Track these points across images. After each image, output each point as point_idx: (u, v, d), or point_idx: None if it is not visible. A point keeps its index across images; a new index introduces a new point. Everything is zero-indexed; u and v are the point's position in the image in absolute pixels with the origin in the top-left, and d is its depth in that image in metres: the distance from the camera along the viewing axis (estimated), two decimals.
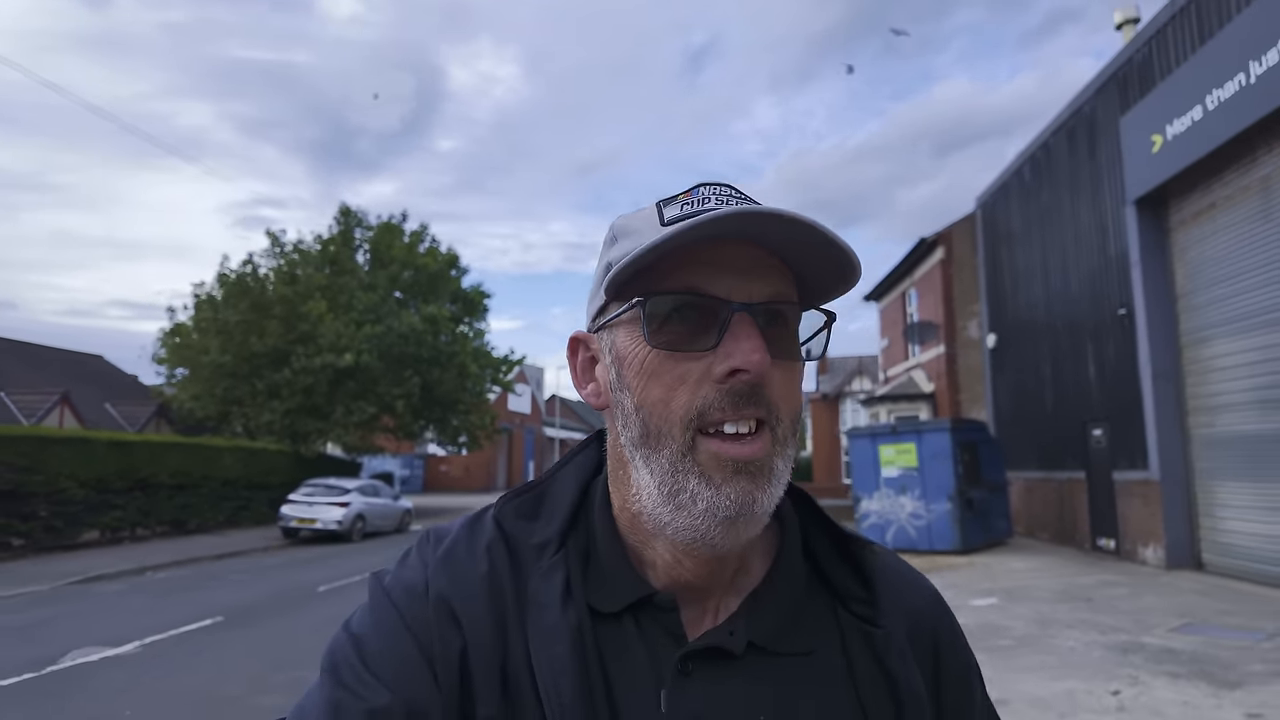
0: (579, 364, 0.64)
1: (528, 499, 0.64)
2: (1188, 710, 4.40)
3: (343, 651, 0.56)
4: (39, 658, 6.18)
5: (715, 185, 0.58)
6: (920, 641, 0.63)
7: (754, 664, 0.57)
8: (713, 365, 0.53)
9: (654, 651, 0.56)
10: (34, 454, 13.00)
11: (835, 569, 0.63)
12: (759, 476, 0.53)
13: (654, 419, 0.54)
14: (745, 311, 0.53)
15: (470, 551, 0.60)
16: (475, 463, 41.80)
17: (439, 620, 0.56)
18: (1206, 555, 9.36)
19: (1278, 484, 8.10)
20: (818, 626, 0.61)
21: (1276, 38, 7.39)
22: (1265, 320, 8.26)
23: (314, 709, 0.54)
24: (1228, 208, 8.83)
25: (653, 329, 0.54)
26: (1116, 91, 10.54)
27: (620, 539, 0.60)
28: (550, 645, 0.54)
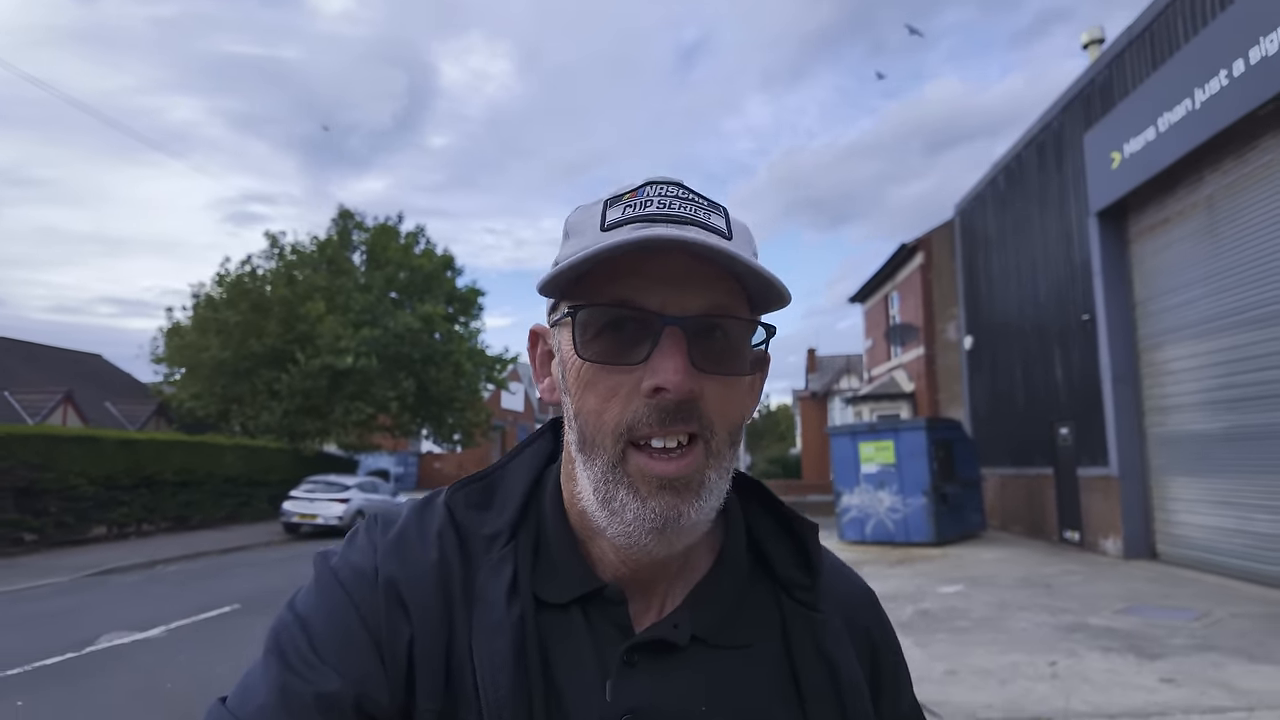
0: (537, 357, 0.65)
1: (479, 487, 0.63)
2: (1112, 676, 5.00)
3: (288, 633, 0.55)
4: (77, 640, 6.70)
5: (662, 185, 0.57)
6: (857, 636, 0.65)
7: (697, 656, 0.58)
8: (642, 380, 0.53)
9: (600, 643, 0.57)
10: (46, 452, 13.46)
11: (779, 555, 0.65)
12: (685, 492, 0.53)
13: (589, 428, 0.55)
14: (677, 325, 0.53)
15: (421, 538, 0.59)
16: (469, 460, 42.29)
17: (388, 607, 0.55)
18: (1160, 546, 10.02)
19: (1222, 479, 8.75)
20: (760, 617, 0.62)
21: (1218, 68, 8.01)
22: (1210, 328, 8.91)
23: (260, 690, 0.52)
24: (1179, 222, 9.47)
25: (585, 340, 0.54)
26: (1081, 109, 11.17)
27: (571, 531, 0.61)
28: (492, 640, 0.54)
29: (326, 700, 0.51)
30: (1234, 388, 8.55)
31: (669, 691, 0.56)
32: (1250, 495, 8.30)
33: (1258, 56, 7.47)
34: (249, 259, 21.90)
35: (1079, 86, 11.28)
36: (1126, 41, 9.98)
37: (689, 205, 0.56)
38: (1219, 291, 8.76)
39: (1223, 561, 8.68)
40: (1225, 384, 8.70)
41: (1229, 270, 8.58)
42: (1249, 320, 8.29)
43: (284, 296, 20.08)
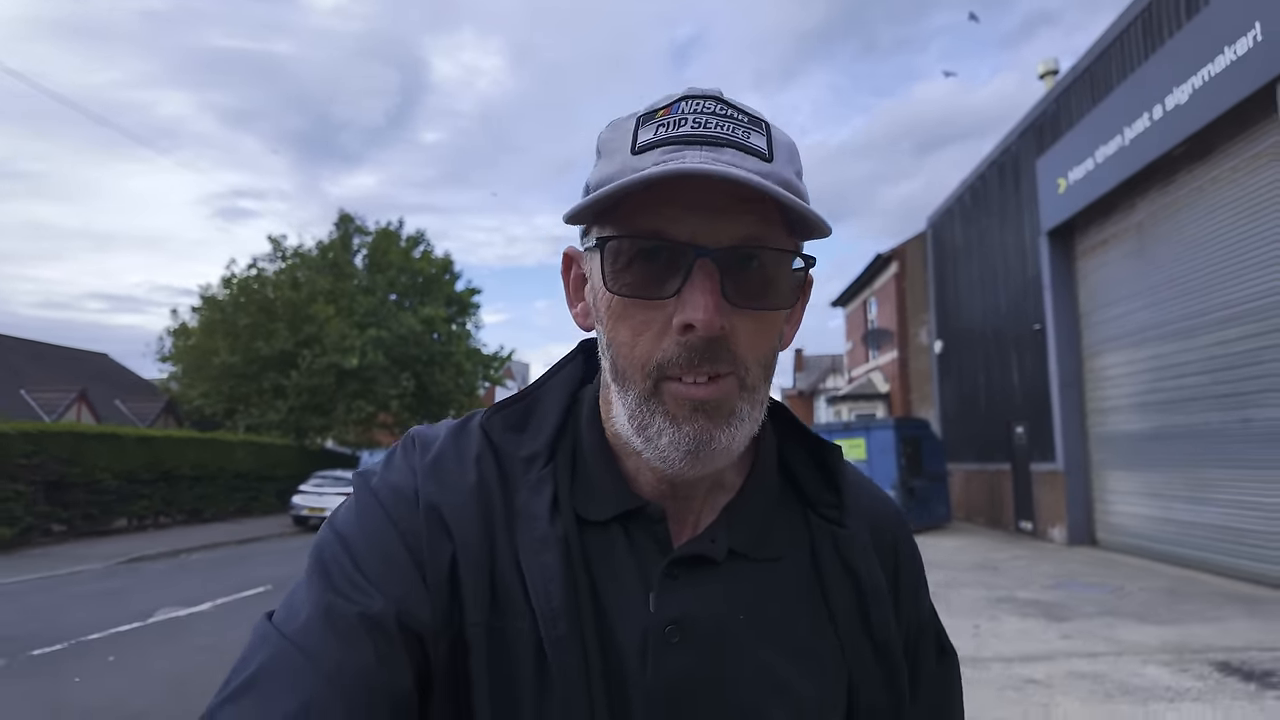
0: (571, 281, 0.64)
1: (515, 410, 0.64)
2: (1021, 634, 6.04)
3: (331, 550, 0.56)
4: (137, 613, 7.64)
5: (698, 99, 0.54)
6: (882, 548, 0.68)
7: (732, 569, 0.60)
8: (674, 315, 0.52)
9: (641, 558, 0.59)
10: (73, 448, 14.34)
11: (808, 478, 0.67)
12: (717, 415, 0.53)
13: (620, 360, 0.55)
14: (709, 258, 0.51)
15: (459, 461, 0.60)
16: None
17: (429, 527, 0.56)
18: (1100, 534, 11.11)
19: (1150, 474, 9.84)
20: (790, 533, 0.64)
21: (1142, 110, 9.07)
22: (1140, 338, 9.99)
23: (304, 608, 0.53)
24: (1115, 243, 10.55)
25: (614, 272, 0.53)
26: (1034, 137, 12.24)
27: (609, 450, 0.62)
28: (540, 554, 0.55)
29: (370, 620, 0.51)
30: (1160, 392, 9.64)
31: (708, 602, 0.58)
32: (1173, 488, 9.39)
33: (1173, 104, 8.52)
34: (254, 262, 22.79)
35: (1033, 115, 12.34)
36: (1071, 79, 11.05)
37: (726, 123, 0.53)
38: (1148, 306, 9.84)
39: (1150, 546, 9.77)
40: (1153, 389, 9.79)
41: (1156, 287, 9.65)
42: (1172, 332, 9.37)
43: (290, 300, 20.95)
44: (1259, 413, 7.88)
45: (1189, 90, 8.25)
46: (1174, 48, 8.58)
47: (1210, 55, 7.90)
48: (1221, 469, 8.45)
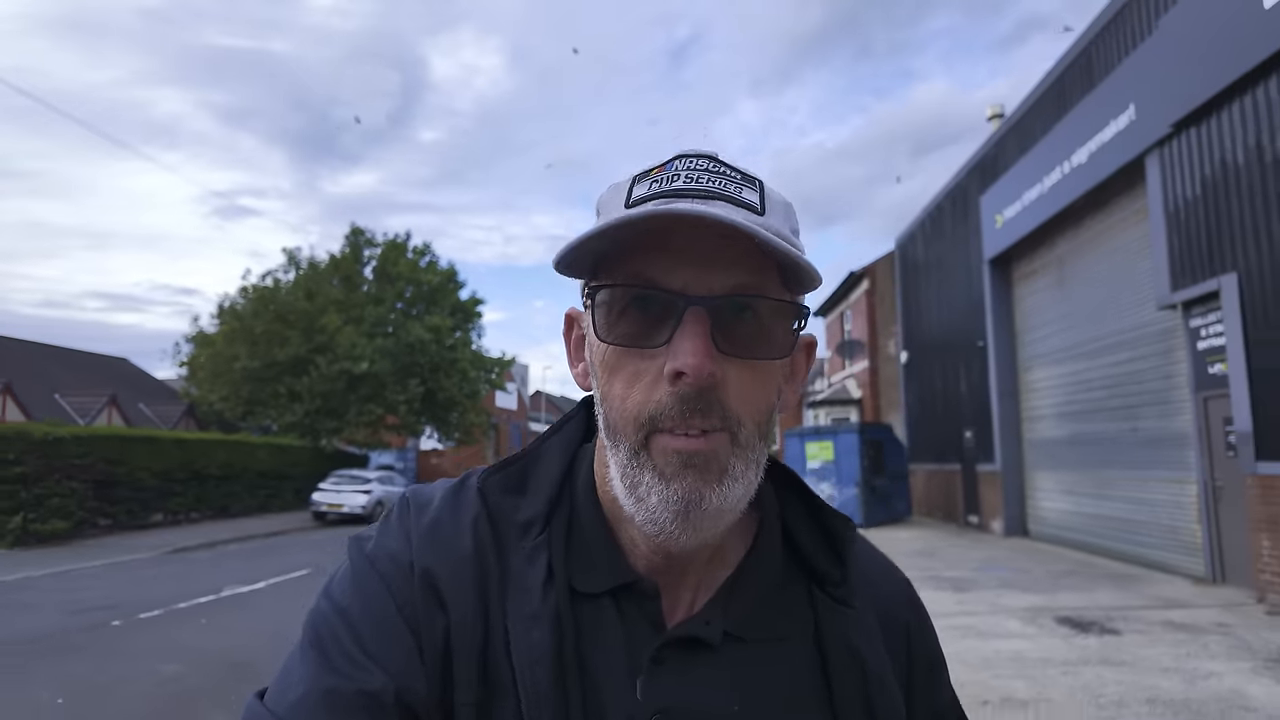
0: (572, 342, 0.63)
1: (513, 472, 0.63)
2: (929, 600, 7.45)
3: (328, 624, 0.55)
4: (207, 589, 9.17)
5: (692, 158, 0.55)
6: (892, 630, 0.64)
7: (729, 653, 0.57)
8: (665, 365, 0.51)
9: (633, 638, 0.56)
10: (118, 450, 15.85)
11: (814, 551, 0.63)
12: (707, 473, 0.52)
13: (613, 414, 0.54)
14: (700, 306, 0.51)
15: (455, 526, 0.59)
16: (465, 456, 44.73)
17: (424, 597, 0.55)
18: (1031, 526, 12.71)
19: (1067, 474, 11.43)
20: (793, 611, 0.61)
21: (1056, 163, 10.64)
22: (1060, 357, 11.58)
23: (299, 685, 0.52)
24: (1042, 274, 12.13)
25: (607, 322, 0.53)
26: (979, 174, 13.82)
27: (604, 518, 0.60)
28: (530, 631, 0.54)
29: (367, 695, 0.51)
30: (1073, 404, 11.23)
31: (700, 690, 0.55)
32: (1082, 486, 10.99)
33: (1077, 161, 10.10)
34: (268, 273, 24.29)
35: (979, 155, 13.92)
36: (1005, 129, 12.63)
37: (719, 179, 0.53)
38: (1065, 329, 11.42)
39: (1066, 536, 11.37)
40: (1069, 401, 11.38)
41: (1071, 314, 11.24)
42: (1081, 353, 10.95)
43: (305, 309, 22.44)
44: (1142, 423, 9.47)
45: (1087, 152, 9.83)
46: (1078, 114, 10.16)
47: (1101, 125, 9.48)
48: (1117, 470, 10.05)
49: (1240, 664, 5.11)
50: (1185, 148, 8.15)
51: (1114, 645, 5.70)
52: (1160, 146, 8.49)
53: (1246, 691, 4.52)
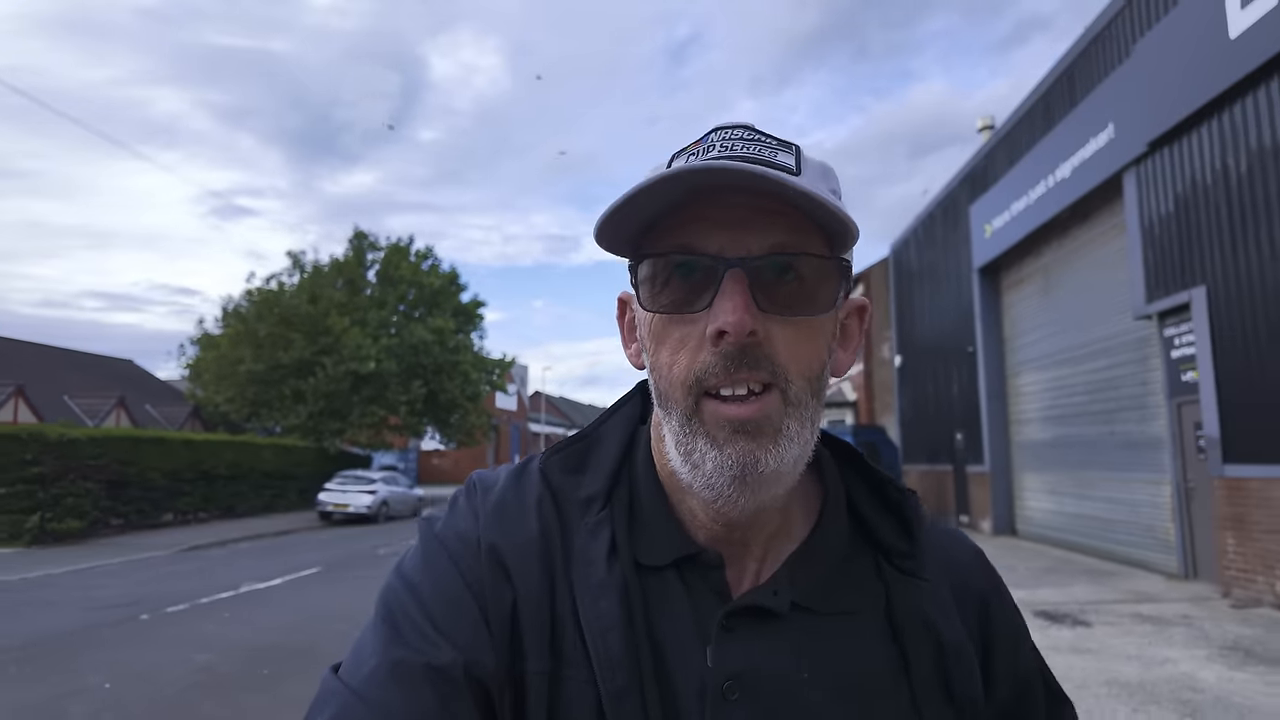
0: (625, 323, 0.65)
1: (573, 452, 0.64)
2: None
3: (399, 600, 0.57)
4: (226, 585, 9.56)
5: (728, 129, 0.56)
6: (967, 603, 0.64)
7: (797, 624, 0.57)
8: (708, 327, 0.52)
9: (699, 607, 0.57)
10: (130, 450, 16.23)
11: (879, 523, 0.63)
12: (760, 436, 0.52)
13: (663, 382, 0.55)
14: (738, 267, 0.51)
15: (520, 505, 0.61)
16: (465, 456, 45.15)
17: (492, 574, 0.57)
18: (1019, 525, 13.13)
19: (1051, 475, 11.85)
20: (862, 584, 0.61)
21: (1041, 177, 11.06)
22: (1045, 363, 12.00)
23: (370, 658, 0.54)
24: (1029, 282, 12.56)
25: (651, 293, 0.54)
26: (969, 185, 14.24)
27: (664, 493, 0.61)
28: (598, 601, 0.55)
29: (437, 671, 0.52)
30: (1057, 408, 11.65)
31: (770, 658, 0.56)
32: (1065, 486, 11.41)
33: (1060, 176, 10.53)
34: (272, 276, 24.67)
35: (969, 166, 14.35)
36: (994, 142, 13.06)
37: (754, 145, 0.54)
38: (1050, 336, 11.85)
39: (1050, 534, 11.79)
40: (1053, 405, 11.80)
41: (1055, 321, 11.66)
42: (1065, 359, 11.38)
43: (309, 313, 22.82)
44: (1120, 427, 9.89)
45: (1070, 167, 10.26)
46: (1062, 130, 10.58)
47: (1082, 141, 9.91)
48: (1096, 471, 10.47)
49: (1197, 652, 5.53)
50: (1160, 166, 8.57)
51: (1084, 635, 6.11)
52: (1137, 164, 8.91)
53: (1197, 676, 4.93)
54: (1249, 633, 6.08)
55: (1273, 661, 5.25)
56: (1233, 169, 7.42)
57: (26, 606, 8.38)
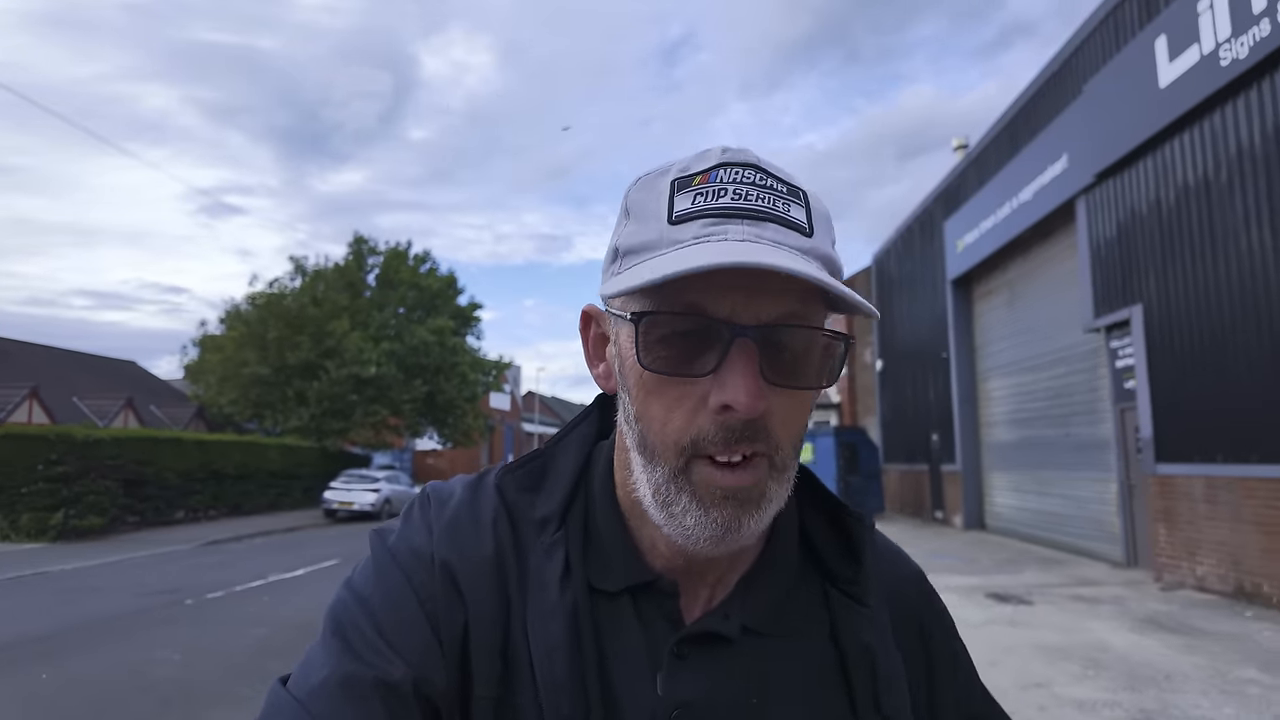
0: (590, 339, 0.63)
1: (530, 470, 0.64)
2: None
3: (349, 613, 0.56)
4: (255, 575, 10.37)
5: (737, 168, 0.53)
6: (906, 625, 0.65)
7: (747, 648, 0.58)
8: (709, 393, 0.51)
9: (651, 633, 0.57)
10: (147, 451, 16.95)
11: (828, 548, 0.64)
12: (747, 504, 0.52)
13: (650, 435, 0.54)
14: (748, 337, 0.50)
15: (474, 522, 0.60)
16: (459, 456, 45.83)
17: (445, 591, 0.56)
18: (988, 520, 14.11)
19: (1015, 474, 12.82)
20: (809, 608, 0.62)
21: (1006, 199, 12.02)
22: (1010, 370, 12.97)
23: (320, 671, 0.53)
24: (996, 294, 13.52)
25: (648, 347, 0.52)
26: (943, 202, 15.20)
27: (621, 518, 0.61)
28: (547, 624, 0.55)
29: (386, 684, 0.52)
30: (1021, 412, 12.62)
31: (720, 684, 0.56)
32: (1026, 485, 12.38)
33: (1023, 199, 11.48)
34: (275, 280, 25.39)
35: (944, 184, 15.31)
36: (965, 164, 14.02)
37: (766, 195, 0.52)
38: (1015, 345, 12.81)
39: (1014, 529, 12.77)
40: (1017, 409, 12.77)
41: (1020, 331, 12.63)
42: (1027, 367, 12.34)
43: (314, 315, 23.55)
44: (1073, 430, 10.86)
45: (1031, 191, 11.22)
46: (1025, 156, 11.53)
47: (1042, 169, 10.86)
48: (1053, 470, 11.44)
49: (1117, 624, 6.47)
50: (1106, 195, 9.53)
51: (1024, 612, 7.05)
52: (1087, 193, 9.86)
53: (1109, 640, 5.87)
54: (1165, 609, 7.04)
55: (1175, 630, 6.20)
56: (1164, 202, 8.38)
57: (77, 594, 9.16)
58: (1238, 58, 6.99)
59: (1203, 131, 7.72)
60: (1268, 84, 6.88)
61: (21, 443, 14.79)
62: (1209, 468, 7.67)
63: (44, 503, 14.55)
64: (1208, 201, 7.69)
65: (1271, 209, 6.87)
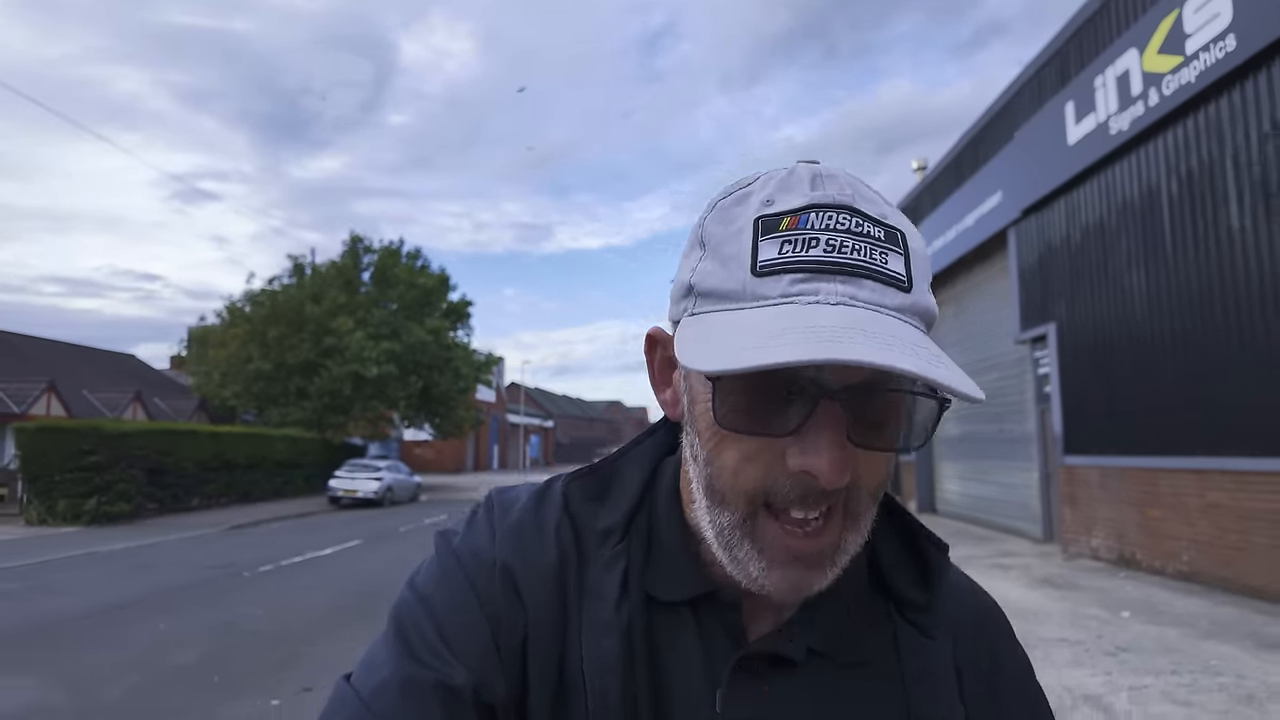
0: (656, 363, 0.61)
1: (596, 480, 0.63)
2: None
3: (412, 614, 0.57)
4: (292, 552, 11.75)
5: (830, 212, 0.48)
6: (978, 650, 0.63)
7: (811, 671, 0.57)
8: (789, 451, 0.48)
9: (711, 648, 0.56)
10: (168, 442, 18.17)
11: (898, 574, 0.62)
12: (816, 566, 0.50)
13: (719, 482, 0.51)
14: (834, 399, 0.46)
15: (538, 529, 0.60)
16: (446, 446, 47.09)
17: (505, 597, 0.56)
18: (938, 505, 15.89)
19: (960, 463, 14.57)
20: (876, 634, 0.60)
21: (953, 223, 13.69)
22: None
23: (381, 670, 0.54)
24: (947, 305, 15.24)
25: (723, 403, 0.48)
26: None
27: (686, 530, 0.59)
28: (600, 639, 0.55)
29: (446, 687, 0.52)
30: (965, 410, 14.35)
31: (781, 707, 0.55)
32: (968, 473, 14.14)
33: (966, 224, 13.15)
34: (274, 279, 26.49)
35: (903, 203, 16.95)
36: (921, 188, 15.69)
37: (863, 244, 0.48)
38: (960, 351, 14.53)
39: (959, 511, 14.54)
40: (963, 407, 14.39)
41: (963, 339, 14.34)
42: (970, 371, 13.88)
43: (315, 314, 24.72)
44: (1005, 426, 12.60)
45: (974, 218, 12.88)
46: (968, 188, 13.20)
47: (981, 200, 12.52)
48: (989, 460, 13.19)
49: (1018, 584, 8.15)
50: (1030, 228, 11.20)
51: None
52: (1016, 224, 11.53)
53: (1007, 595, 7.53)
54: (1060, 573, 8.75)
55: (1059, 587, 7.89)
56: (1072, 239, 10.06)
57: (140, 569, 10.49)
58: (1121, 129, 8.63)
59: (1099, 184, 9.39)
60: (1143, 152, 8.54)
61: (56, 435, 15.98)
62: (1102, 459, 9.38)
63: (78, 490, 15.76)
64: (1102, 243, 9.37)
65: (1145, 253, 8.55)
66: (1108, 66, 8.89)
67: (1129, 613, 6.63)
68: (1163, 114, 7.97)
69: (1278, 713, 4.26)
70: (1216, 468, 7.40)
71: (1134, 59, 8.39)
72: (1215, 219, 7.47)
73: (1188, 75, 7.57)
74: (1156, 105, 8.05)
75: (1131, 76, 8.43)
